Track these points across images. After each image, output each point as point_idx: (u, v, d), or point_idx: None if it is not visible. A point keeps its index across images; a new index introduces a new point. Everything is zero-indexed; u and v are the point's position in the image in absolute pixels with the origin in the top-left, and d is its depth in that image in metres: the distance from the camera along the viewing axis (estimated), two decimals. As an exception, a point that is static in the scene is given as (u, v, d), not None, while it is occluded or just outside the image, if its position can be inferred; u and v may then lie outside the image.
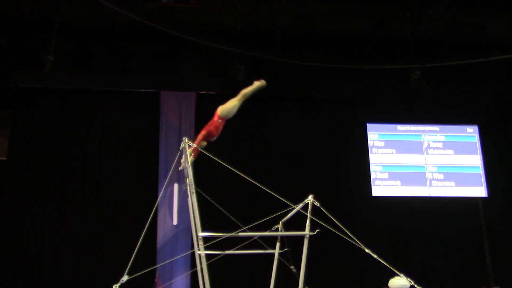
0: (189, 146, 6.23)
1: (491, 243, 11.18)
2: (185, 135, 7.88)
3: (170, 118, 10.61)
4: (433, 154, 11.31)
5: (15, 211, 9.93)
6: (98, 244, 9.97)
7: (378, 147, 11.22)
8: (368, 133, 11.26)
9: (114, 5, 9.24)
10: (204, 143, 6.80)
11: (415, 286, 5.75)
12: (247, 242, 6.89)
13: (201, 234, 5.70)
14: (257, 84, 7.33)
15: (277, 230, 6.92)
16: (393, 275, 6.94)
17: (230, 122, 11.08)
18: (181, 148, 6.34)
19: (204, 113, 10.88)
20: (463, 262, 10.89)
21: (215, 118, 7.04)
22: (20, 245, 9.79)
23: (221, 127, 7.07)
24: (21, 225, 9.91)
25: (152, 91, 10.86)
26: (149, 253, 9.62)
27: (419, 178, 11.12)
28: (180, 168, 6.47)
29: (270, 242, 7.13)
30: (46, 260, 9.76)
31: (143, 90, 10.91)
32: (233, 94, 11.04)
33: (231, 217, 6.80)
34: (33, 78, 10.20)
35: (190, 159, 6.20)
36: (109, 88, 10.75)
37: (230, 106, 7.16)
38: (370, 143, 11.20)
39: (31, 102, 10.52)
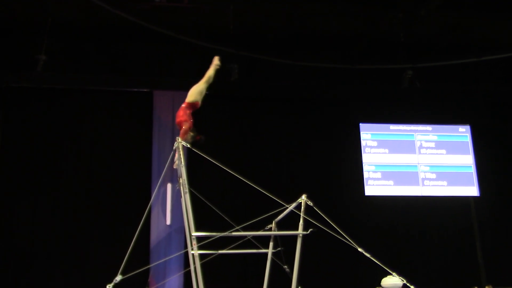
0: (183, 146, 6.23)
1: (483, 242, 11.25)
2: (178, 135, 7.87)
3: (163, 118, 10.59)
4: (426, 153, 11.37)
5: (6, 213, 9.88)
6: (91, 244, 9.94)
7: (371, 147, 11.27)
8: (361, 133, 11.31)
9: (107, 5, 9.20)
10: (191, 134, 6.83)
11: (408, 285, 5.77)
12: (240, 242, 6.90)
13: (194, 233, 5.70)
14: (215, 62, 7.34)
15: (270, 229, 6.94)
16: (386, 274, 6.97)
17: (223, 122, 11.15)
18: (174, 148, 6.35)
19: (197, 113, 10.89)
20: (455, 261, 10.96)
21: (183, 104, 7.21)
22: (11, 245, 9.74)
23: (188, 113, 7.06)
24: (12, 226, 9.86)
25: (145, 90, 10.85)
26: (143, 253, 9.60)
27: (412, 177, 11.18)
28: (174, 166, 6.48)
29: (263, 241, 7.14)
30: (38, 261, 9.71)
31: (135, 90, 10.90)
32: (226, 94, 11.14)
33: (224, 217, 6.81)
34: (24, 77, 10.17)
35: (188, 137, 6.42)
36: (102, 87, 10.73)
37: (197, 90, 7.17)
38: (363, 143, 11.25)
39: (22, 102, 10.47)
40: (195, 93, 7.20)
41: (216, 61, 7.42)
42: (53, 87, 10.48)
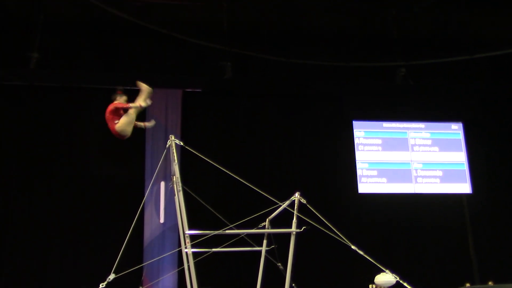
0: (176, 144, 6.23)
1: (476, 239, 11.30)
2: (171, 133, 7.85)
3: (156, 115, 10.56)
4: (419, 151, 11.40)
5: (0, 212, 9.84)
6: (85, 242, 9.90)
7: (364, 144, 11.28)
8: (354, 130, 11.31)
9: (100, 2, 9.17)
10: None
11: (401, 282, 5.79)
12: (234, 240, 6.90)
13: (188, 232, 5.70)
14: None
15: (264, 227, 6.94)
16: (379, 271, 7.00)
17: (216, 119, 11.14)
18: (167, 146, 6.34)
19: (190, 111, 10.89)
20: (448, 257, 11.00)
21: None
22: (5, 243, 9.71)
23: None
24: (6, 225, 9.82)
25: (138, 88, 10.79)
26: (136, 251, 9.58)
27: (405, 175, 11.20)
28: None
29: (257, 239, 7.15)
30: (31, 259, 9.67)
31: (128, 88, 10.84)
32: (220, 92, 11.13)
33: (218, 215, 6.81)
34: (17, 75, 10.10)
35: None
36: (94, 85, 10.67)
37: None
38: (356, 140, 11.25)
39: (15, 100, 10.41)
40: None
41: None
42: (45, 85, 10.42)
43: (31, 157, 10.15)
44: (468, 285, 9.73)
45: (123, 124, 6.77)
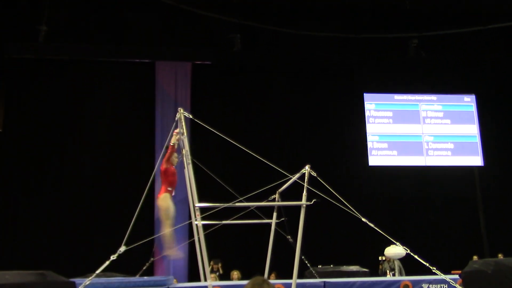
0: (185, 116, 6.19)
1: (486, 211, 11.27)
2: (181, 106, 7.81)
3: (166, 88, 10.54)
4: (430, 123, 11.31)
5: (11, 183, 9.93)
6: (95, 215, 9.99)
7: (375, 117, 11.21)
8: (365, 102, 11.23)
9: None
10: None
11: (411, 254, 5.78)
12: (244, 212, 6.90)
13: (198, 204, 5.68)
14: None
15: (274, 200, 6.93)
16: (389, 243, 6.99)
17: (226, 92, 11.08)
18: (176, 118, 6.29)
19: (199, 84, 10.83)
20: (459, 230, 11.01)
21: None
22: (17, 215, 9.83)
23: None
24: (17, 195, 9.93)
25: (147, 61, 10.76)
26: (147, 223, 9.65)
27: (416, 147, 11.14)
28: (173, 142, 6.45)
29: (267, 212, 7.15)
30: (43, 232, 9.79)
31: (138, 61, 10.80)
32: (229, 65, 11.04)
33: (227, 188, 6.80)
34: (26, 49, 10.09)
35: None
36: (104, 58, 10.63)
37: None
38: (367, 113, 11.18)
39: (25, 73, 10.41)
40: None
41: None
42: (55, 58, 10.40)
43: (41, 130, 10.20)
44: (475, 257, 9.73)
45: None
